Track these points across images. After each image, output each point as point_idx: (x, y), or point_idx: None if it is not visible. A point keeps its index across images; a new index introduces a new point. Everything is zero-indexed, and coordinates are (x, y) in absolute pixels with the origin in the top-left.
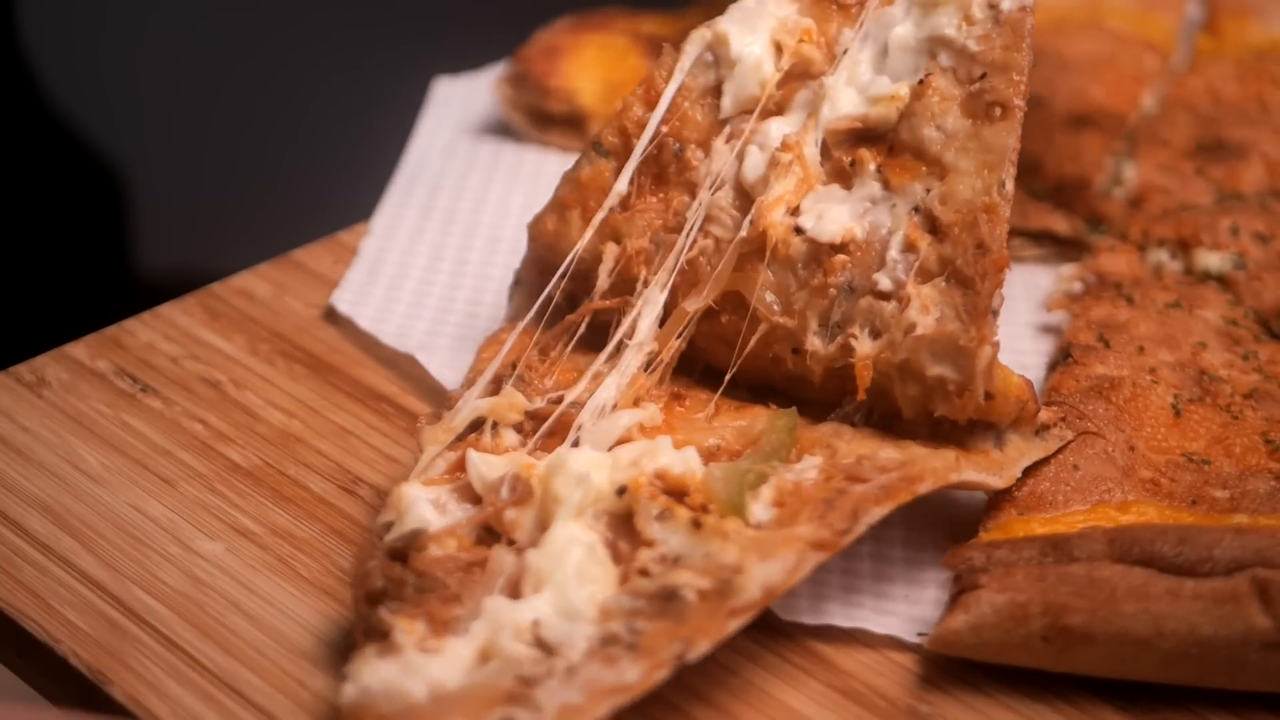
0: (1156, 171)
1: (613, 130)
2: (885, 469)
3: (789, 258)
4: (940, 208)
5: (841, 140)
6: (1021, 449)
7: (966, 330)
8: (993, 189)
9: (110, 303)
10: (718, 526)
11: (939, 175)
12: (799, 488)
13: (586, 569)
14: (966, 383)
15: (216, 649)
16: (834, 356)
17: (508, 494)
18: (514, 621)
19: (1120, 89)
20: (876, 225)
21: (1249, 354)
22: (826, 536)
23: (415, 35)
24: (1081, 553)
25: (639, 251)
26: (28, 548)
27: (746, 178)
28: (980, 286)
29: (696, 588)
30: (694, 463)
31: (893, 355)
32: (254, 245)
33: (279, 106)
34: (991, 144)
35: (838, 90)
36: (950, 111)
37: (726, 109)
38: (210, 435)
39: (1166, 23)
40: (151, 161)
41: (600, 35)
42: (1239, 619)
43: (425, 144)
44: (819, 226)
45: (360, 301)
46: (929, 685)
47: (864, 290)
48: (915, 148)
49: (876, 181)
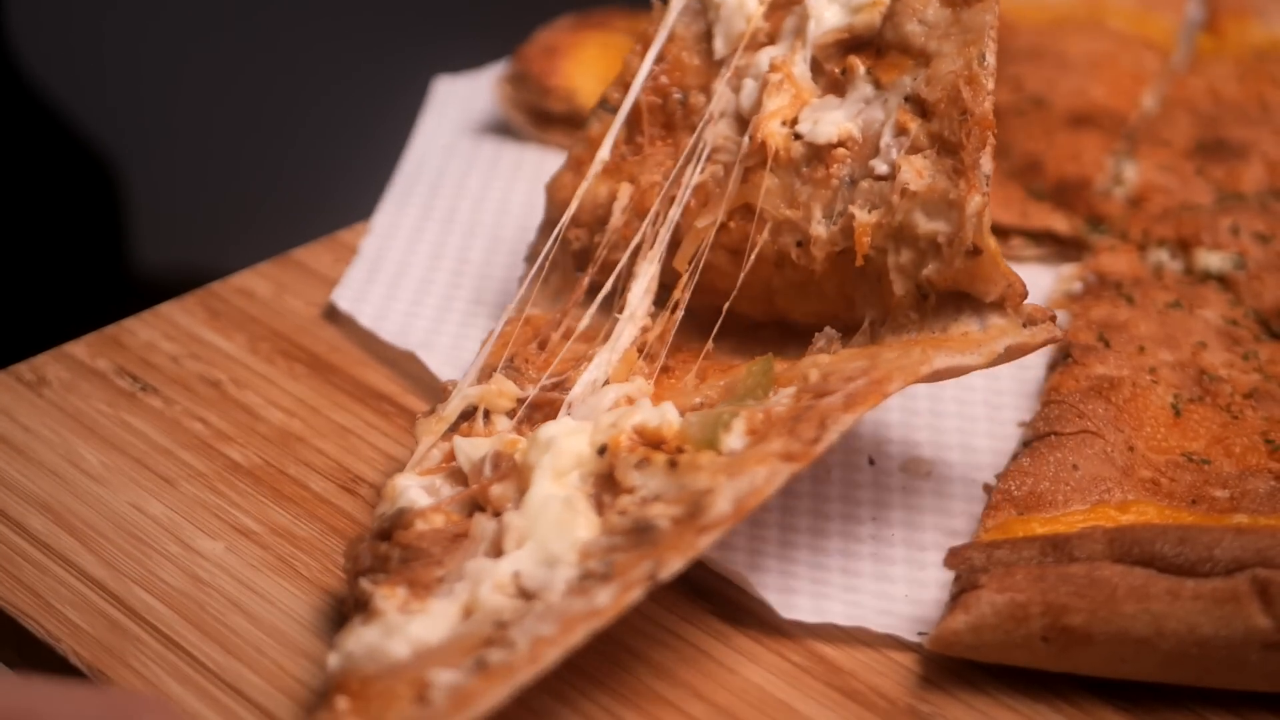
0: (1157, 171)
1: (617, 87)
2: (851, 378)
3: (790, 160)
4: (926, 89)
5: (831, 54)
6: (1003, 328)
7: (955, 184)
8: (973, 62)
9: (110, 302)
10: (691, 461)
11: (925, 64)
12: (769, 414)
13: (564, 519)
14: (955, 232)
15: (217, 648)
16: (835, 239)
17: (490, 470)
18: (495, 576)
19: (1120, 89)
20: (870, 121)
21: (1249, 354)
22: (796, 448)
23: (415, 35)
24: (1081, 553)
25: (652, 185)
26: (28, 546)
27: (743, 106)
28: (966, 145)
29: (670, 515)
30: (671, 415)
31: (890, 220)
32: (254, 244)
33: (279, 106)
34: (970, 24)
35: (820, 7)
36: (930, 4)
37: (719, 49)
38: (210, 434)
39: (1166, 23)
40: (152, 161)
41: (600, 34)
42: (1239, 619)
43: (425, 143)
44: (816, 130)
45: (361, 299)
46: (929, 685)
47: (863, 178)
48: (901, 44)
49: (868, 83)
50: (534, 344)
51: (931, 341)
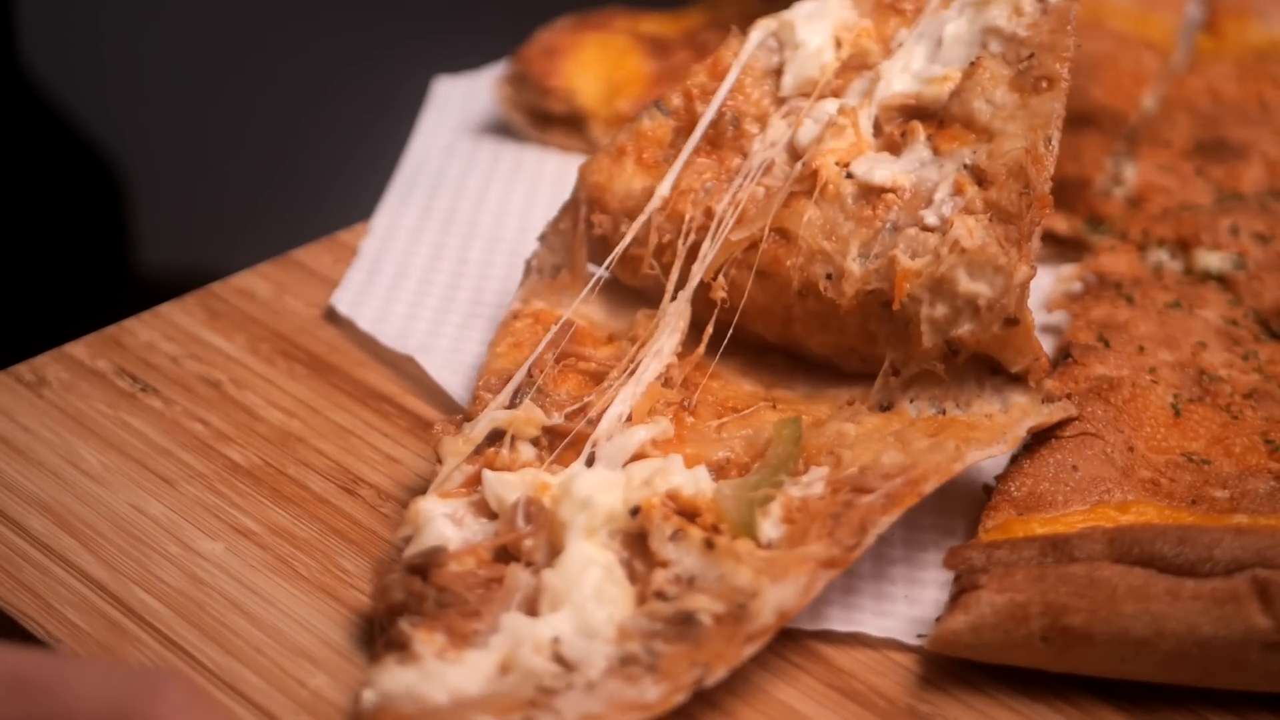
0: (1156, 171)
1: (678, 93)
2: (889, 475)
3: (838, 195)
4: (988, 161)
5: (893, 116)
6: (1025, 410)
7: (1006, 252)
8: (1039, 144)
9: (110, 303)
10: (730, 548)
11: (987, 140)
12: (806, 504)
13: (604, 589)
14: (998, 298)
15: (216, 648)
16: (868, 278)
17: (523, 523)
18: (534, 637)
19: (1120, 89)
20: (924, 179)
21: (1249, 354)
22: (836, 554)
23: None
24: (1081, 553)
25: (688, 190)
26: (28, 547)
27: (801, 141)
28: (1023, 217)
29: (712, 612)
30: (704, 482)
31: (933, 270)
32: (254, 245)
33: (279, 106)
34: (1038, 110)
35: (892, 73)
36: (999, 86)
37: (787, 87)
38: (210, 435)
39: (1166, 23)
40: (152, 161)
41: (600, 35)
42: (1239, 619)
43: (425, 144)
44: (870, 172)
45: (360, 302)
46: (929, 685)
47: (909, 225)
48: (965, 118)
49: (927, 149)
50: (549, 354)
51: (961, 433)
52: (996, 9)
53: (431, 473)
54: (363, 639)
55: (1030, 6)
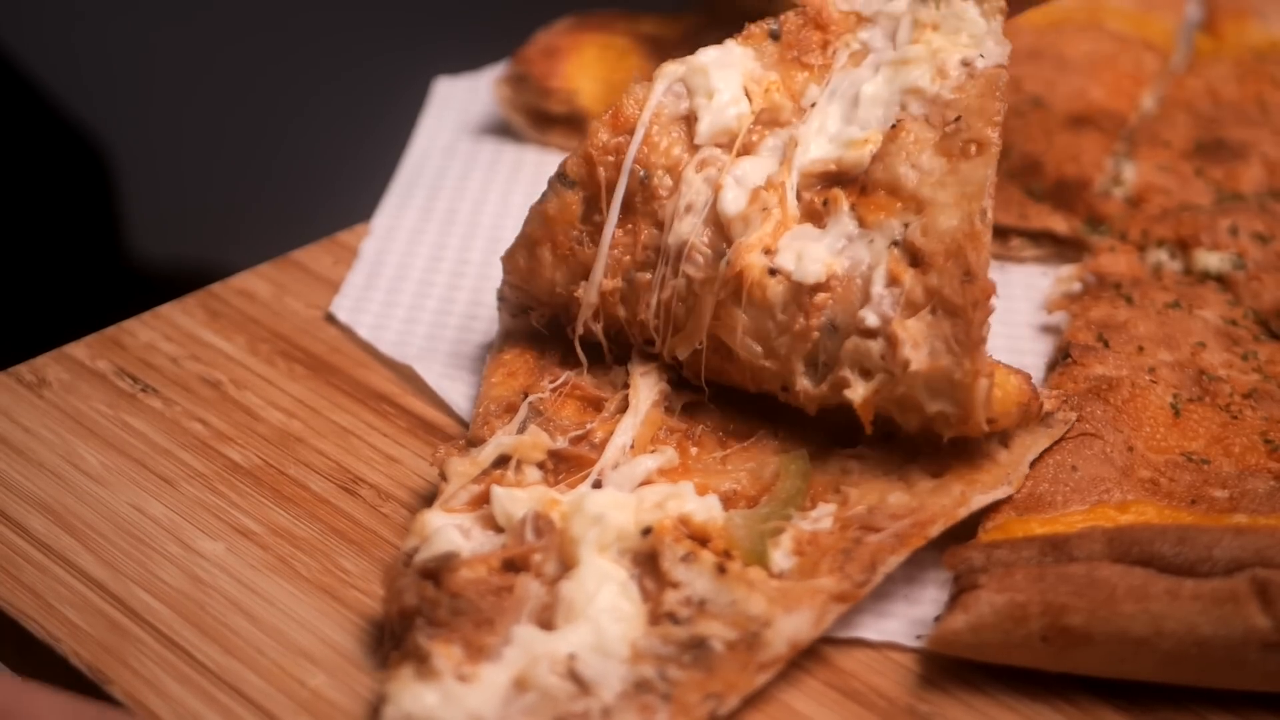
0: (1156, 172)
1: (577, 160)
2: (897, 516)
3: (766, 301)
4: (922, 239)
5: (813, 183)
6: (1027, 444)
7: (960, 363)
8: (974, 218)
9: (110, 303)
10: (742, 574)
11: (915, 210)
12: (816, 538)
13: (619, 605)
14: (966, 416)
15: (216, 648)
16: (826, 395)
17: (532, 534)
18: (550, 653)
19: (1120, 89)
20: (856, 261)
21: (1248, 354)
22: (848, 588)
23: (415, 35)
24: (1081, 553)
25: (613, 291)
26: (28, 547)
27: (725, 211)
28: (971, 316)
29: (725, 639)
30: (715, 510)
31: (890, 391)
32: (254, 245)
33: (279, 106)
34: (970, 177)
35: (808, 137)
36: (925, 151)
37: (702, 135)
38: (210, 435)
39: (1166, 23)
40: (153, 161)
41: (600, 36)
42: (1238, 619)
43: (425, 144)
44: (800, 267)
45: (359, 309)
46: (929, 685)
47: (849, 329)
48: (890, 185)
49: (851, 219)
50: (545, 380)
51: (968, 478)
52: (917, 69)
53: (433, 474)
54: (369, 641)
55: (955, 70)
